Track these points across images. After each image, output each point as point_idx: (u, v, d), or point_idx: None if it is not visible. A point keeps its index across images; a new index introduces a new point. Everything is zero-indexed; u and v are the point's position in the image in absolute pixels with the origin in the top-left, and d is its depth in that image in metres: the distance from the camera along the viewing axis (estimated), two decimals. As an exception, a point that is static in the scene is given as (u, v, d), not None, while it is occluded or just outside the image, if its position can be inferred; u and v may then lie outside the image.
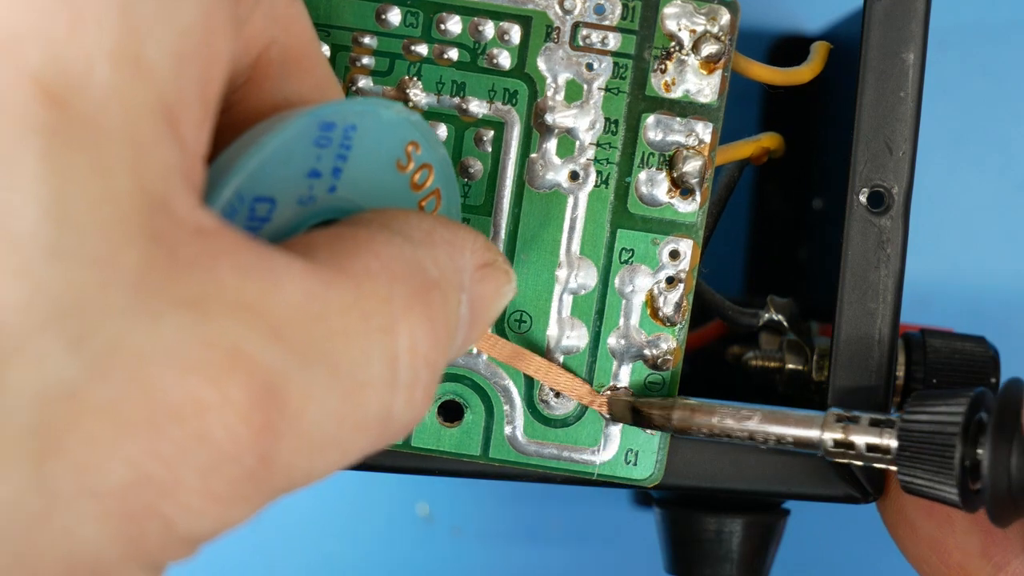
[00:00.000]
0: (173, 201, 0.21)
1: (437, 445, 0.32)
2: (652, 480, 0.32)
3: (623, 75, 0.31)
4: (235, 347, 0.20)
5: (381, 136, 0.26)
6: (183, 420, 0.20)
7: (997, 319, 0.46)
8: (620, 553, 0.46)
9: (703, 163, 0.31)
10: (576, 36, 0.31)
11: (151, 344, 0.20)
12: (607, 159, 0.31)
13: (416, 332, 0.23)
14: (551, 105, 0.31)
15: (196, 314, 0.20)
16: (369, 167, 0.26)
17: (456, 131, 0.31)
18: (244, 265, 0.21)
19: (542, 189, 0.32)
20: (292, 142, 0.24)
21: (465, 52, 0.31)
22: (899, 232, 0.32)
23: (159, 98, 0.21)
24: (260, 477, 0.21)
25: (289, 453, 0.21)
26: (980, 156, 0.46)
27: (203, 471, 0.20)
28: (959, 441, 0.28)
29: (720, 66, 0.31)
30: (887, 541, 0.33)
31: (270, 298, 0.21)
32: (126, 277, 0.20)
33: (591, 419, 0.32)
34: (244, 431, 0.21)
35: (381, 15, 0.31)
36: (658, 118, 0.31)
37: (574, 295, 0.32)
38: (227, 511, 0.21)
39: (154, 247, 0.20)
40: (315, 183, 0.25)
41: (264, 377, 0.21)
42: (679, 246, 0.31)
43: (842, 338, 0.32)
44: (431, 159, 0.27)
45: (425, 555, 0.46)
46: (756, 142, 0.34)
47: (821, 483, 0.33)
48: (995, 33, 0.46)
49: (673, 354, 0.32)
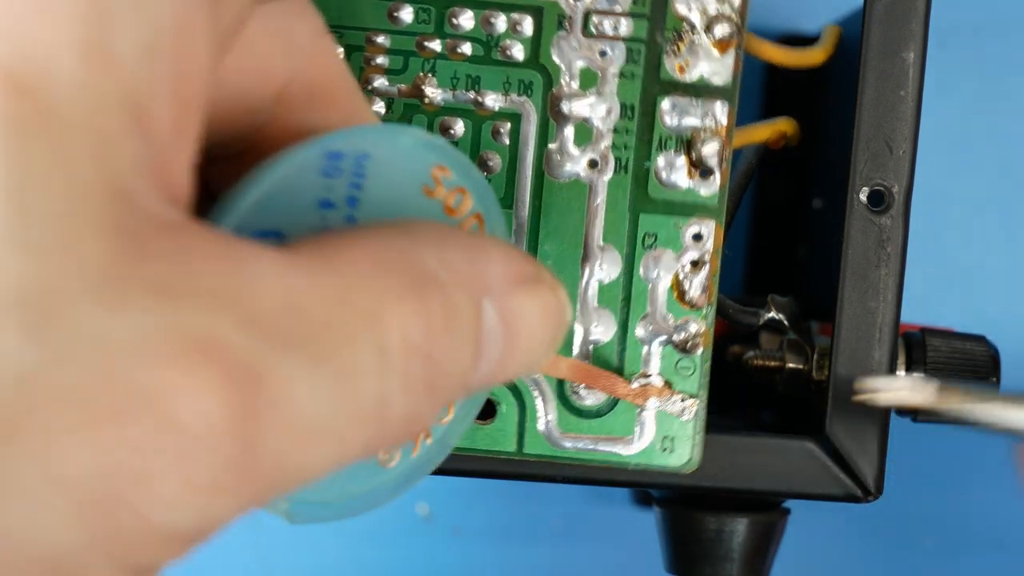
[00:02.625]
0: (140, 196, 0.20)
1: (472, 444, 0.32)
2: (690, 466, 0.32)
3: (636, 60, 0.31)
4: (206, 334, 0.20)
5: (399, 162, 0.25)
6: (152, 407, 0.19)
7: (997, 319, 0.46)
8: (620, 553, 0.46)
9: (721, 143, 0.31)
10: (588, 24, 0.31)
11: (115, 332, 0.19)
12: (625, 145, 0.31)
13: (408, 323, 0.22)
14: (566, 94, 0.31)
15: (163, 302, 0.20)
16: (392, 194, 0.25)
17: (473, 126, 0.31)
18: (216, 257, 0.21)
19: (561, 179, 0.32)
20: (295, 174, 0.23)
21: (478, 46, 0.31)
22: (899, 231, 0.32)
23: (127, 91, 0.20)
24: (244, 466, 0.20)
25: (276, 441, 0.21)
26: (980, 156, 0.46)
27: (177, 459, 0.20)
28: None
29: (733, 45, 0.31)
30: (887, 541, 0.33)
31: (244, 288, 0.21)
32: (89, 266, 0.19)
33: (624, 408, 0.32)
34: (220, 417, 0.20)
35: (393, 13, 0.31)
36: (674, 101, 0.31)
37: (600, 283, 0.32)
38: (209, 503, 0.20)
39: (119, 238, 0.20)
40: (329, 214, 0.24)
41: (239, 362, 0.20)
42: (702, 228, 0.31)
43: (842, 337, 0.32)
44: (464, 183, 0.26)
45: (425, 555, 0.46)
46: (772, 125, 0.34)
47: (821, 483, 0.33)
48: (995, 33, 0.46)
49: (702, 336, 0.32)
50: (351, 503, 0.26)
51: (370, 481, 0.27)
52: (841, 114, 0.34)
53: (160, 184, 0.21)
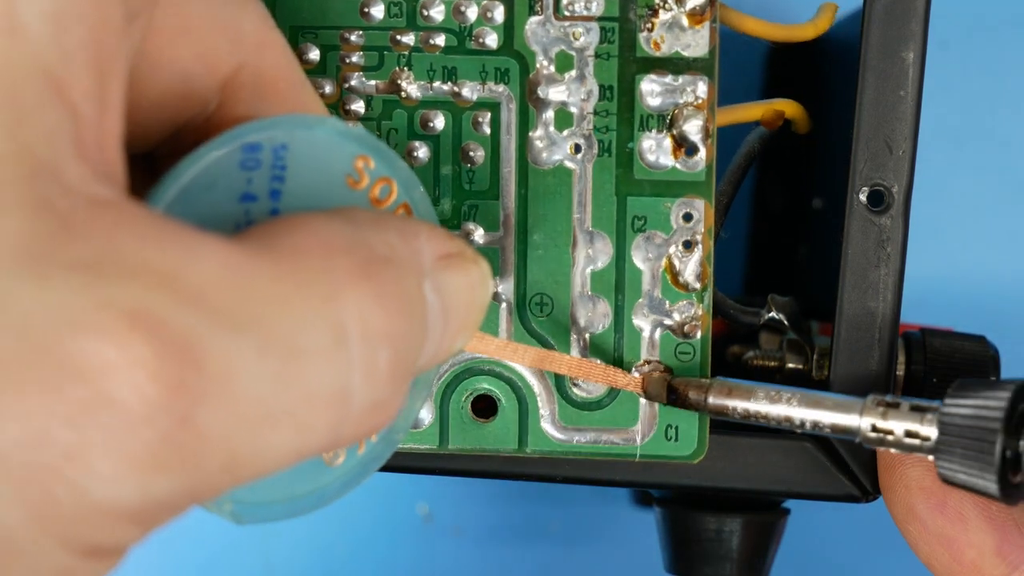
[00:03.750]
0: (63, 169, 0.20)
1: (477, 443, 0.32)
2: (698, 455, 0.32)
3: (611, 39, 0.31)
4: (137, 308, 0.19)
5: (320, 153, 0.25)
6: (83, 379, 0.19)
7: (997, 319, 0.46)
8: (620, 553, 0.46)
9: (704, 119, 0.31)
10: (559, 6, 0.31)
11: (39, 306, 0.19)
12: (607, 127, 0.31)
13: (365, 305, 0.22)
14: (544, 78, 0.31)
15: (89, 277, 0.19)
16: (314, 186, 0.25)
17: (453, 117, 0.31)
18: (150, 235, 0.20)
19: (546, 166, 0.31)
20: (213, 167, 0.23)
21: (452, 36, 0.31)
22: (899, 231, 0.32)
23: (37, 61, 0.20)
24: (182, 441, 0.20)
25: (219, 419, 0.20)
26: (980, 156, 0.46)
27: (112, 433, 0.19)
28: (1001, 431, 0.28)
29: (707, 18, 0.31)
30: (887, 541, 0.33)
31: (185, 265, 0.20)
32: (8, 242, 0.19)
33: (625, 397, 0.32)
34: (153, 390, 0.19)
35: (364, 9, 0.31)
36: (652, 79, 0.31)
37: (592, 271, 0.32)
38: (150, 479, 0.20)
39: (40, 213, 0.19)
40: (251, 207, 0.24)
41: (173, 336, 0.20)
42: (692, 207, 0.31)
43: (842, 337, 0.32)
44: (388, 173, 0.26)
45: (425, 555, 0.46)
46: (768, 105, 0.33)
47: (821, 483, 0.33)
48: (995, 33, 0.46)
49: (700, 320, 0.31)
50: (297, 503, 0.26)
51: (316, 481, 0.26)
52: (841, 114, 0.34)
53: (88, 159, 0.21)
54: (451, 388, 0.32)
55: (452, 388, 0.32)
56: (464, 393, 0.32)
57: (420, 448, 0.32)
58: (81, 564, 0.20)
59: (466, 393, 0.32)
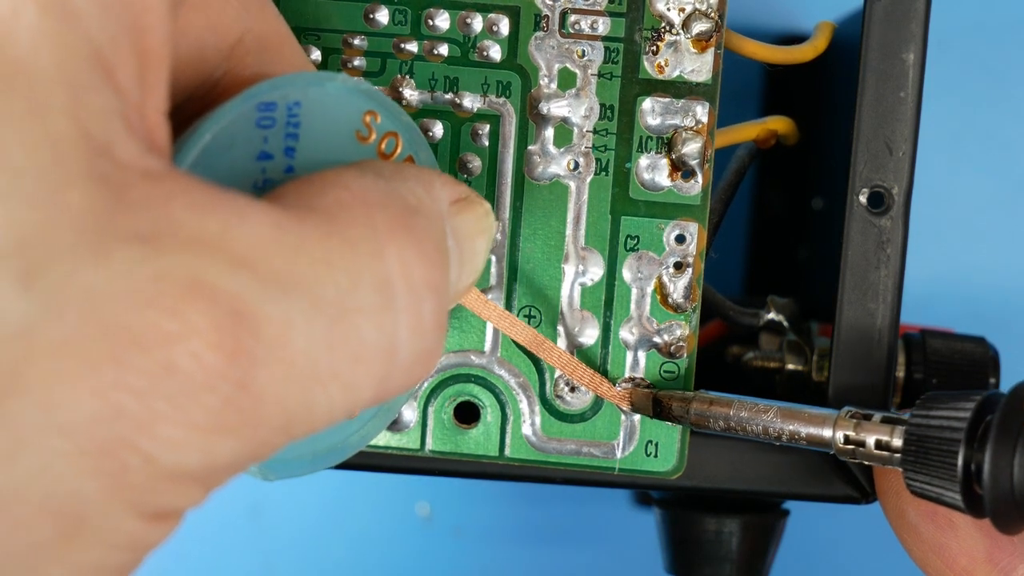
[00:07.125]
0: (117, 146, 0.21)
1: (456, 448, 0.32)
2: (675, 472, 0.32)
3: (615, 59, 0.31)
4: (193, 278, 0.20)
5: (330, 109, 0.25)
6: (146, 351, 0.20)
7: (997, 319, 0.46)
8: (620, 553, 0.46)
9: (703, 144, 0.31)
10: (565, 23, 0.31)
11: (102, 280, 0.20)
12: (605, 146, 0.31)
13: (406, 255, 0.23)
14: (545, 94, 0.31)
15: (147, 249, 0.20)
16: (326, 142, 0.25)
17: (452, 127, 0.31)
18: (201, 204, 0.21)
19: (542, 180, 0.31)
20: (231, 127, 0.23)
21: (455, 47, 0.31)
22: (899, 232, 0.32)
23: (89, 43, 0.21)
24: (242, 405, 0.21)
25: (275, 382, 0.21)
26: (980, 156, 0.46)
27: (176, 401, 0.20)
28: (963, 443, 0.28)
29: (712, 44, 0.31)
30: (887, 541, 0.33)
31: (233, 232, 0.21)
32: (71, 217, 0.20)
33: (608, 412, 0.32)
34: (213, 358, 0.20)
35: (369, 15, 0.31)
36: (654, 101, 0.31)
37: (583, 287, 0.32)
38: (213, 442, 0.21)
39: (99, 188, 0.20)
40: (268, 165, 0.24)
41: (230, 304, 0.20)
42: (685, 230, 0.31)
43: (842, 338, 0.32)
44: (395, 127, 0.26)
45: (425, 555, 0.46)
46: (762, 124, 0.34)
47: (821, 483, 0.33)
48: (995, 33, 0.46)
49: (687, 341, 0.31)
50: (320, 458, 0.27)
51: (337, 434, 0.27)
52: (841, 115, 0.34)
53: (136, 133, 0.21)
54: (436, 393, 0.32)
55: (437, 393, 0.32)
56: (448, 399, 0.32)
57: (401, 450, 0.32)
58: (148, 528, 0.21)
59: (450, 399, 0.32)
